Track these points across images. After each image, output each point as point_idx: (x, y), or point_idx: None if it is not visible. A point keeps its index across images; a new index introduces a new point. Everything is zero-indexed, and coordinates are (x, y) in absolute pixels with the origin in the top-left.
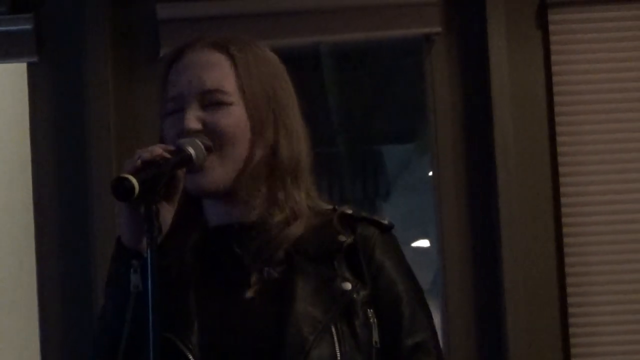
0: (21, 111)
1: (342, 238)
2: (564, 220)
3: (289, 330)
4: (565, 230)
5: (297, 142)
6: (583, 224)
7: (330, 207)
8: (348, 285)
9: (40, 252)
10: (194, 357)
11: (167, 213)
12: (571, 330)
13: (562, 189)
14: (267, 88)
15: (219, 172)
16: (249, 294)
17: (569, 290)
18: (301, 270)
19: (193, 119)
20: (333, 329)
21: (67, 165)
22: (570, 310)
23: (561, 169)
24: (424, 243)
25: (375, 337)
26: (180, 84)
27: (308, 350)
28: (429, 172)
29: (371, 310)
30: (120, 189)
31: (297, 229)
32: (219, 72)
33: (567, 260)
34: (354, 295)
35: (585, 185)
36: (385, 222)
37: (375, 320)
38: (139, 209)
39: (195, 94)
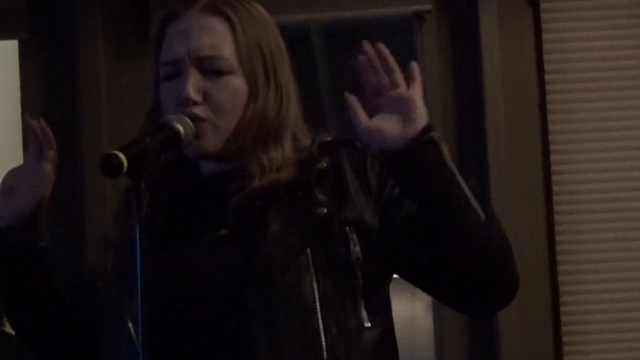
0: (12, 88)
1: (318, 165)
2: (555, 198)
3: (259, 254)
4: (556, 208)
5: (287, 102)
6: (575, 202)
7: (310, 140)
8: (323, 210)
9: None
10: (132, 323)
11: None
12: (564, 328)
13: (553, 167)
14: (264, 49)
15: (214, 139)
16: (222, 231)
17: (561, 279)
18: (277, 202)
19: (194, 89)
20: (308, 251)
21: (57, 142)
22: (563, 308)
23: (552, 147)
24: None
25: (356, 253)
26: (177, 49)
27: (281, 275)
28: None
29: (351, 228)
30: (109, 165)
31: (275, 177)
32: (217, 37)
33: (559, 248)
34: (330, 218)
35: (576, 163)
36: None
37: (355, 236)
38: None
39: (193, 59)
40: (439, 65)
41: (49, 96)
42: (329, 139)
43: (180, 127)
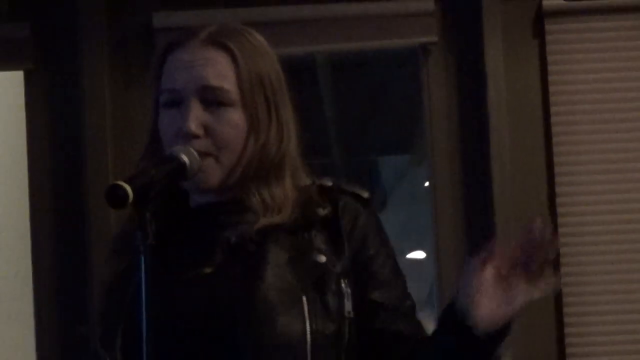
0: (18, 118)
1: (321, 211)
2: (560, 230)
3: (258, 295)
4: (561, 240)
5: (287, 136)
6: (579, 233)
7: (310, 181)
8: (323, 258)
9: (36, 260)
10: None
11: None
12: (568, 340)
13: (558, 199)
14: (265, 82)
15: (216, 174)
16: (208, 269)
17: (566, 303)
18: (276, 241)
19: (195, 123)
20: (304, 298)
21: (63, 172)
22: (567, 329)
23: (557, 179)
24: (419, 255)
25: (348, 307)
26: (179, 78)
27: (275, 317)
28: (424, 183)
29: (345, 281)
30: (114, 196)
31: (278, 218)
32: (220, 69)
33: (563, 270)
34: (328, 267)
35: (582, 195)
36: (366, 195)
37: (349, 290)
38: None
39: (196, 90)
40: (444, 98)
41: (54, 126)
42: (330, 184)
43: (186, 159)
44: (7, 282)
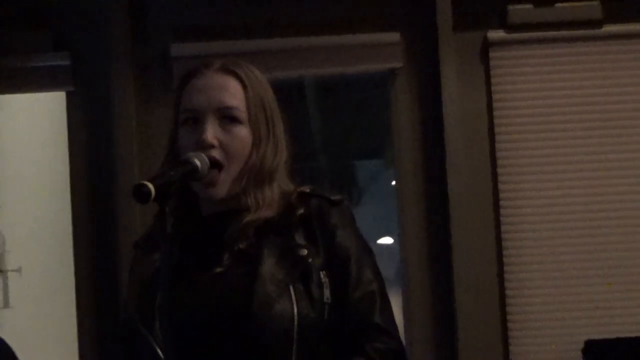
0: (61, 130)
1: (298, 211)
2: (502, 219)
3: (257, 289)
4: (503, 227)
5: (280, 152)
6: (519, 222)
7: (293, 187)
8: (304, 252)
9: (76, 247)
10: (155, 341)
11: None
12: (508, 308)
13: (501, 194)
14: (266, 105)
15: (225, 186)
16: (219, 269)
17: (506, 276)
18: (268, 242)
19: (211, 134)
20: (291, 288)
21: (98, 175)
22: (507, 291)
23: (500, 178)
24: (388, 240)
25: (327, 295)
26: (198, 100)
27: (272, 304)
28: (392, 182)
29: (324, 272)
30: (140, 193)
31: (266, 213)
32: (233, 92)
33: (505, 252)
34: (310, 260)
35: (520, 191)
36: (336, 197)
37: (327, 280)
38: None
39: (214, 110)
40: (409, 112)
41: (90, 136)
42: (308, 190)
43: (197, 162)
44: (51, 275)
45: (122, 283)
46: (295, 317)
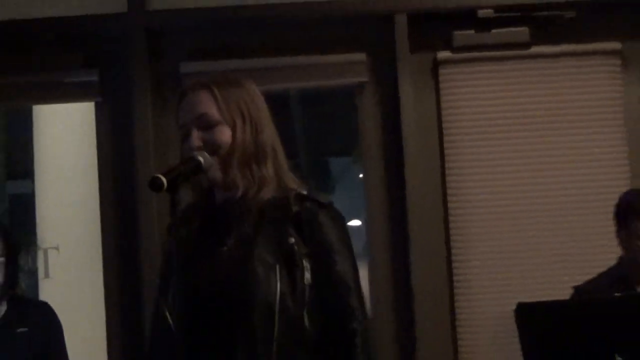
0: (91, 133)
1: (293, 208)
2: (450, 205)
3: (249, 268)
4: (450, 212)
5: (260, 137)
6: (463, 207)
7: (295, 187)
8: (292, 240)
9: (104, 233)
10: (168, 311)
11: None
12: (455, 277)
13: (448, 189)
14: (240, 103)
15: (216, 170)
16: (225, 248)
17: (453, 251)
18: (262, 230)
19: (196, 139)
20: (277, 270)
21: (121, 169)
22: (454, 264)
23: (447, 172)
24: (357, 223)
25: (308, 277)
26: (183, 118)
27: (260, 282)
28: (360, 175)
29: (307, 259)
30: (154, 184)
31: (265, 194)
32: (205, 104)
33: (452, 232)
34: (295, 248)
35: (465, 183)
36: (325, 201)
37: (309, 266)
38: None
39: (193, 121)
40: (373, 118)
41: (115, 142)
42: (305, 192)
43: (201, 159)
44: (81, 245)
45: (141, 257)
46: (278, 294)
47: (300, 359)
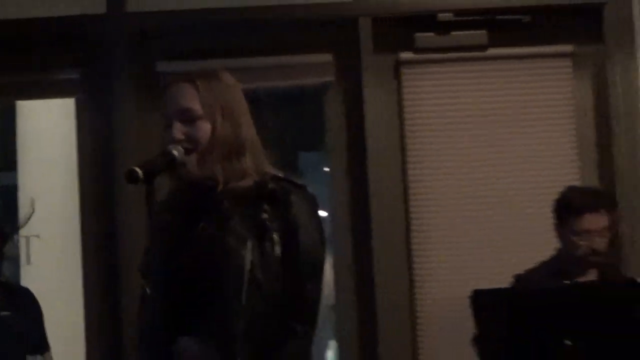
0: (71, 131)
1: (269, 186)
2: (410, 197)
3: (224, 241)
4: (411, 203)
5: (240, 129)
6: (423, 198)
7: (271, 170)
8: (265, 216)
9: (83, 224)
10: (147, 282)
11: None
12: (414, 265)
13: (409, 179)
14: (221, 101)
15: (195, 164)
16: (202, 224)
17: (413, 240)
18: (239, 207)
19: (178, 132)
20: (249, 242)
21: (101, 162)
22: (415, 258)
23: (409, 166)
24: (323, 214)
25: (278, 251)
26: (169, 107)
27: (232, 254)
28: (326, 169)
29: (277, 234)
30: (131, 176)
31: (245, 184)
32: (189, 97)
33: (412, 222)
34: (267, 223)
35: (426, 176)
36: (299, 182)
37: (279, 240)
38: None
39: (176, 113)
40: (339, 115)
41: (95, 136)
42: (281, 175)
43: (175, 152)
44: (62, 234)
45: (119, 245)
46: (248, 264)
47: (268, 326)
